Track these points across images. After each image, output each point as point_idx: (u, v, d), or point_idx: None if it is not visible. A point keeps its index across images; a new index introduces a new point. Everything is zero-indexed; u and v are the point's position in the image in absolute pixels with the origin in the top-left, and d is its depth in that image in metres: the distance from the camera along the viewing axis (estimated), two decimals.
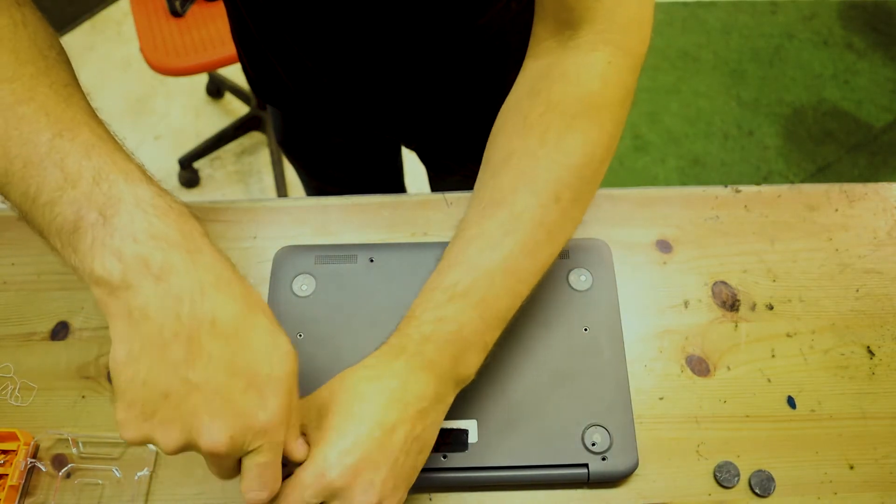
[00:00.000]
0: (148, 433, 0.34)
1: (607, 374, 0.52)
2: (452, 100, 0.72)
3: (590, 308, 0.55)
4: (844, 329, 0.57)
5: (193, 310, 0.34)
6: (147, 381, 0.34)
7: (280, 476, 0.38)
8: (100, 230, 0.33)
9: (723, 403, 0.53)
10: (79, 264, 0.34)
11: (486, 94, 0.73)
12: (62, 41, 0.42)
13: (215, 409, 0.34)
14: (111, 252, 0.33)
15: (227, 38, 1.34)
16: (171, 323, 0.33)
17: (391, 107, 0.72)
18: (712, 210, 0.62)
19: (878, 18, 2.06)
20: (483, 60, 0.68)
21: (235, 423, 0.34)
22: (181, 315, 0.33)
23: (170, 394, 0.34)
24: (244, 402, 0.35)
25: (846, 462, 0.51)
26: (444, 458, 0.50)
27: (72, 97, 0.38)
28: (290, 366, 0.37)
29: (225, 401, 0.34)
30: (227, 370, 0.34)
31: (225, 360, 0.34)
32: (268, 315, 0.38)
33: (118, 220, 0.34)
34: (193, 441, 0.35)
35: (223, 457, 0.35)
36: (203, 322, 0.34)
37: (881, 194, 0.63)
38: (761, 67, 1.95)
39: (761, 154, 1.80)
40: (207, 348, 0.34)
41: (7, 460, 0.51)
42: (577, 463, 0.49)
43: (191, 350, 0.34)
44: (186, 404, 0.34)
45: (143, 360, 0.33)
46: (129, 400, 0.34)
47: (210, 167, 1.79)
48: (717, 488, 0.50)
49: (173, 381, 0.34)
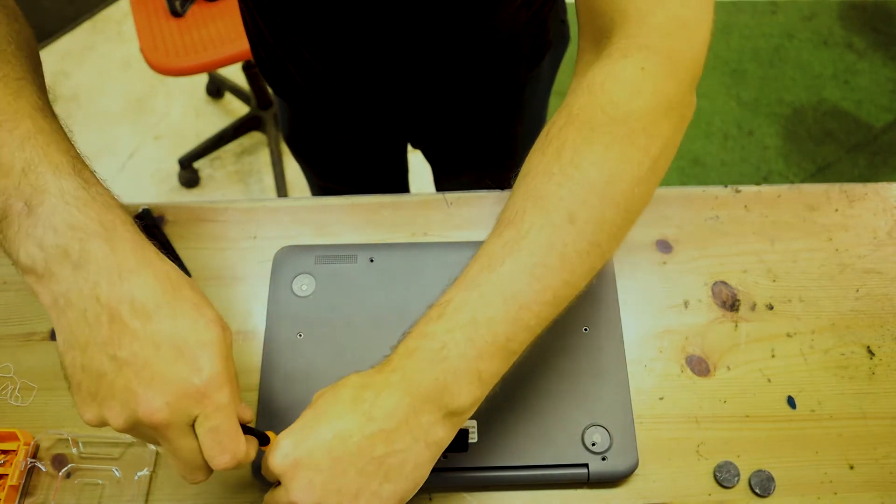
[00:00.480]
0: (98, 413, 0.36)
1: (607, 374, 0.52)
2: (461, 102, 0.72)
3: (590, 308, 0.55)
4: (844, 329, 0.57)
5: (111, 292, 0.35)
6: (84, 365, 0.36)
7: (241, 439, 0.38)
8: (24, 220, 0.35)
9: (723, 403, 0.53)
10: (9, 251, 0.36)
11: (494, 98, 0.73)
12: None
13: (146, 380, 0.35)
14: (34, 242, 0.35)
15: (226, 38, 1.34)
16: (92, 306, 0.35)
17: (400, 108, 0.72)
18: (712, 210, 0.62)
19: (878, 18, 2.06)
20: (493, 64, 0.68)
21: (169, 390, 0.35)
22: (100, 298, 0.35)
23: (104, 373, 0.35)
24: (175, 370, 0.36)
25: (846, 462, 0.51)
26: (444, 458, 0.49)
27: (22, 90, 0.39)
28: (217, 332, 0.38)
29: (155, 371, 0.35)
30: (152, 344, 0.35)
31: (149, 334, 0.35)
32: (193, 291, 0.38)
33: (41, 211, 0.35)
34: (135, 415, 0.35)
35: (169, 427, 0.36)
36: (122, 302, 0.35)
37: (881, 194, 0.63)
38: (761, 67, 1.95)
39: (761, 154, 1.79)
40: (130, 326, 0.35)
41: (7, 460, 0.51)
42: (577, 463, 0.49)
43: (114, 329, 0.35)
44: (120, 381, 0.35)
45: (76, 345, 0.35)
46: (75, 384, 0.36)
47: (210, 167, 1.79)
48: (717, 488, 0.50)
49: (104, 361, 0.35)
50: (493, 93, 0.72)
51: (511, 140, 0.81)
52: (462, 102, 0.72)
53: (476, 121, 0.76)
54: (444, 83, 0.68)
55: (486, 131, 0.78)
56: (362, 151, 0.88)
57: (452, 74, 0.67)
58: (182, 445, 0.37)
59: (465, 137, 0.79)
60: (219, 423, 0.37)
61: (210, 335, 0.37)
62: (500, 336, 0.38)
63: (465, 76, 0.68)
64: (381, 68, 0.65)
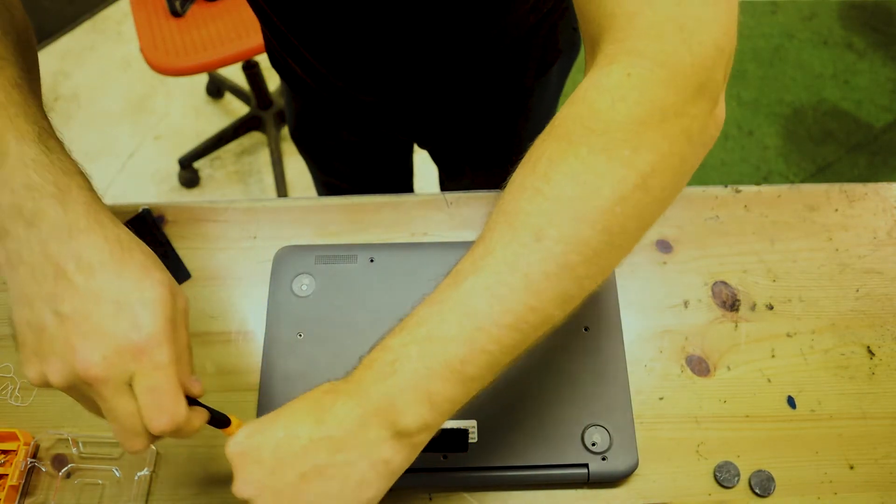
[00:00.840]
0: (39, 370, 0.37)
1: (607, 374, 0.52)
2: (467, 105, 0.72)
3: (590, 307, 0.55)
4: (844, 329, 0.57)
5: (60, 249, 0.36)
6: (29, 321, 0.37)
7: (182, 402, 0.38)
8: None
9: (723, 403, 0.53)
10: None
11: (501, 102, 0.73)
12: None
13: (84, 334, 0.36)
14: None
15: (226, 38, 1.34)
16: (41, 262, 0.36)
17: (406, 109, 0.72)
18: (712, 210, 0.62)
19: (878, 18, 2.06)
20: (500, 68, 0.68)
21: (107, 343, 0.36)
22: (49, 254, 0.36)
23: (45, 327, 0.36)
24: (114, 325, 0.36)
25: (846, 462, 0.51)
26: (444, 458, 0.50)
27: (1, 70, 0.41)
28: (162, 292, 0.38)
29: (94, 326, 0.36)
30: (94, 300, 0.36)
31: (92, 290, 0.36)
32: (144, 255, 0.39)
33: (1, 174, 0.37)
34: (73, 370, 0.36)
35: (106, 384, 0.36)
36: (69, 259, 0.36)
37: (881, 194, 0.63)
38: (761, 67, 1.95)
39: (761, 154, 1.79)
40: (74, 282, 0.36)
41: (7, 460, 0.51)
42: (577, 463, 0.49)
43: (58, 285, 0.36)
44: (60, 334, 0.36)
45: (24, 300, 0.37)
46: (21, 342, 0.37)
47: (210, 167, 1.79)
48: (717, 488, 0.50)
49: (47, 315, 0.36)
50: (500, 97, 0.72)
51: (517, 145, 0.81)
52: (468, 105, 0.72)
53: (482, 123, 0.76)
54: (450, 85, 0.68)
55: (493, 135, 0.78)
56: (368, 149, 0.88)
57: (458, 77, 0.67)
58: (118, 405, 0.37)
59: (471, 140, 0.79)
60: (157, 382, 0.37)
61: (154, 294, 0.37)
62: (454, 357, 0.35)
63: (472, 79, 0.68)
64: (386, 69, 0.65)
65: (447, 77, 0.66)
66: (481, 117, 0.74)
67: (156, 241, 0.60)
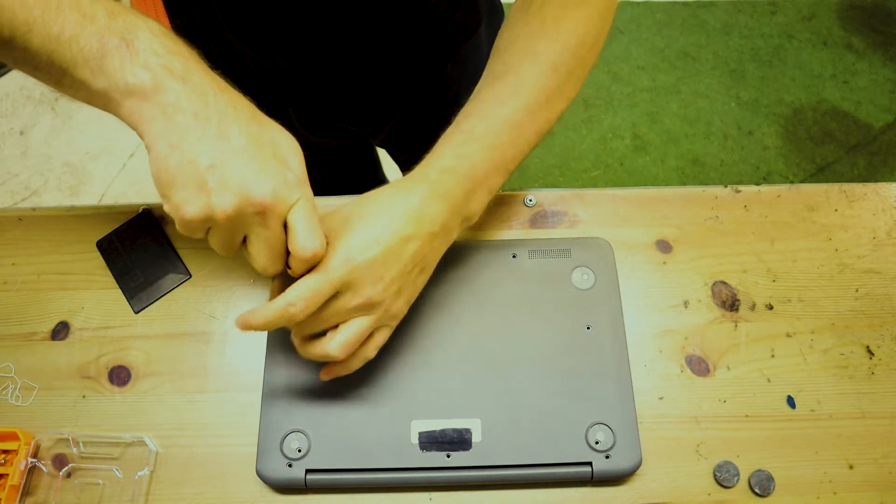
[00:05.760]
0: (205, 203, 0.40)
1: (610, 373, 0.52)
2: (401, 79, 0.72)
3: (592, 306, 0.55)
4: (844, 329, 0.57)
5: (217, 98, 0.41)
6: (192, 160, 0.39)
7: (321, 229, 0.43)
8: (124, 51, 0.40)
9: (723, 403, 0.53)
10: (110, 84, 0.40)
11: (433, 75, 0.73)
12: None
13: (256, 170, 0.40)
14: (139, 65, 0.40)
15: None
16: (202, 108, 0.40)
17: (345, 91, 0.72)
18: (712, 210, 0.62)
19: (878, 18, 2.06)
20: (433, 37, 0.69)
21: (276, 179, 0.41)
22: (208, 102, 0.40)
23: (214, 164, 0.39)
24: (275, 165, 0.41)
25: (846, 462, 0.52)
26: (447, 457, 0.50)
27: None
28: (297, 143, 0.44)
29: (261, 163, 0.40)
30: (255, 142, 0.41)
31: (251, 133, 0.41)
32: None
33: (138, 43, 0.40)
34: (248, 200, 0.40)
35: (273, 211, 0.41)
36: (227, 106, 0.41)
37: (881, 194, 0.63)
38: (761, 67, 1.95)
39: (761, 154, 1.80)
40: (235, 125, 0.41)
41: (7, 460, 0.51)
42: (581, 461, 0.49)
43: (222, 127, 0.40)
44: (230, 169, 0.40)
45: (184, 143, 0.39)
46: (181, 183, 0.40)
47: None
48: (716, 488, 0.51)
49: (214, 152, 0.40)
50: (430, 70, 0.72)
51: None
52: (401, 79, 0.72)
53: (418, 102, 0.76)
54: (379, 59, 0.68)
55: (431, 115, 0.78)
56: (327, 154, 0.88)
57: (385, 49, 0.67)
58: (277, 232, 0.42)
59: (413, 123, 0.79)
60: (309, 210, 0.42)
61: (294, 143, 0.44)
62: (508, 158, 0.51)
63: (398, 52, 0.68)
64: (310, 48, 0.65)
65: (380, 48, 0.66)
66: (415, 94, 0.74)
67: (156, 241, 0.60)
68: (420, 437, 0.50)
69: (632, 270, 0.59)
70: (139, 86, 0.39)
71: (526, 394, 0.52)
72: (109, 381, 0.55)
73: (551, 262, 0.57)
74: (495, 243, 0.58)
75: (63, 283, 0.59)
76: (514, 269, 0.57)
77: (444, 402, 0.51)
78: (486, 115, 0.51)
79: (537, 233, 0.61)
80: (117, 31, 0.40)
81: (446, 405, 0.51)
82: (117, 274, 0.59)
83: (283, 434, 0.50)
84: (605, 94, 1.91)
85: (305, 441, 0.50)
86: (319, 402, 0.52)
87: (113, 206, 0.63)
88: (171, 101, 0.40)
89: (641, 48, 1.99)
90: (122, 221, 0.61)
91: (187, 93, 0.40)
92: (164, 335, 0.57)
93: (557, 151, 1.82)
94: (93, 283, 0.59)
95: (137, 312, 0.58)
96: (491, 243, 0.58)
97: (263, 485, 0.51)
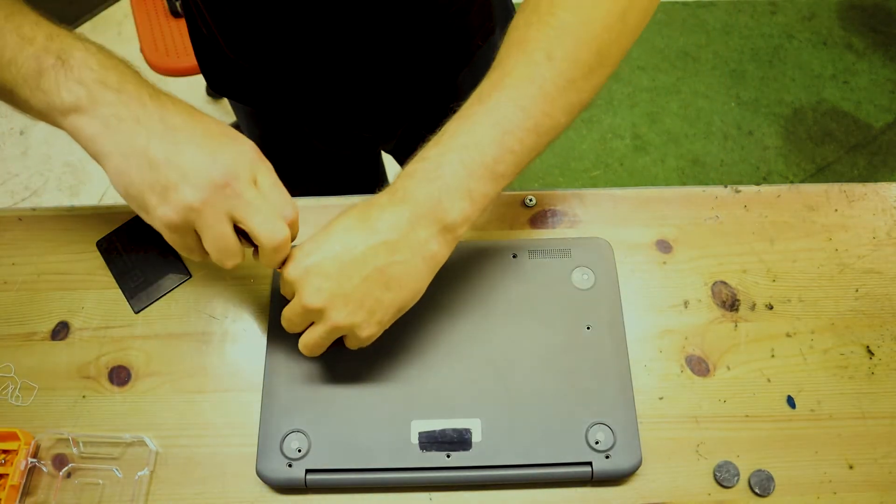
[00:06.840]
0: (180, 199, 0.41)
1: (610, 372, 0.52)
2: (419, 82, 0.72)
3: (592, 306, 0.55)
4: (844, 329, 0.57)
5: (154, 100, 0.42)
6: (150, 161, 0.40)
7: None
8: (60, 69, 0.41)
9: (723, 403, 0.53)
10: (48, 102, 0.42)
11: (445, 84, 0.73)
12: None
13: (212, 150, 0.42)
14: (74, 81, 0.41)
15: None
16: (142, 112, 0.41)
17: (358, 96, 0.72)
18: (712, 210, 0.62)
19: (878, 18, 2.06)
20: (445, 39, 0.68)
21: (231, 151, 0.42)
22: (146, 105, 0.42)
23: (171, 158, 0.41)
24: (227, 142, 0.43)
25: (846, 462, 0.52)
26: (447, 457, 0.50)
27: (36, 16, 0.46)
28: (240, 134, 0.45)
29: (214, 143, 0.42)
30: (201, 126, 0.43)
31: (195, 121, 0.43)
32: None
33: (74, 61, 0.42)
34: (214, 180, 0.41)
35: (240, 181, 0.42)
36: (166, 104, 0.43)
37: (881, 194, 0.63)
38: (761, 67, 1.95)
39: (761, 154, 1.80)
40: (178, 117, 0.42)
41: (7, 460, 0.51)
42: (581, 461, 0.49)
43: (165, 123, 0.42)
44: (186, 157, 0.41)
45: (136, 148, 0.41)
46: (149, 188, 0.41)
47: None
48: (716, 488, 0.51)
49: (167, 147, 0.41)
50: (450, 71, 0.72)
51: None
52: (414, 86, 0.72)
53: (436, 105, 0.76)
54: (392, 61, 0.68)
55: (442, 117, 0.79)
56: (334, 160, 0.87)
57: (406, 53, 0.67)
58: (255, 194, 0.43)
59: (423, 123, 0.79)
60: (274, 178, 0.44)
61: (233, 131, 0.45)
62: (488, 157, 0.44)
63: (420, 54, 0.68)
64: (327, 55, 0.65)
65: (395, 51, 0.66)
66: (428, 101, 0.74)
67: (156, 241, 0.60)
68: (420, 437, 0.50)
69: (632, 270, 0.59)
70: (75, 102, 0.41)
71: (526, 394, 0.52)
72: (109, 381, 0.55)
73: (551, 262, 0.57)
74: (495, 243, 0.58)
75: (63, 283, 0.59)
76: (515, 269, 0.57)
77: (444, 402, 0.51)
78: (461, 115, 0.46)
79: (537, 233, 0.61)
80: (53, 51, 0.42)
81: (446, 405, 0.51)
82: (117, 274, 0.59)
83: (283, 434, 0.50)
84: (605, 94, 1.91)
85: (305, 441, 0.50)
86: (319, 402, 0.52)
87: (113, 206, 0.63)
88: (111, 113, 0.41)
89: (641, 48, 1.99)
90: (122, 221, 0.61)
91: (124, 101, 0.41)
92: (164, 335, 0.57)
93: (557, 151, 1.82)
94: (93, 283, 0.59)
95: (137, 312, 0.58)
96: (491, 243, 0.58)
97: (263, 485, 0.51)
